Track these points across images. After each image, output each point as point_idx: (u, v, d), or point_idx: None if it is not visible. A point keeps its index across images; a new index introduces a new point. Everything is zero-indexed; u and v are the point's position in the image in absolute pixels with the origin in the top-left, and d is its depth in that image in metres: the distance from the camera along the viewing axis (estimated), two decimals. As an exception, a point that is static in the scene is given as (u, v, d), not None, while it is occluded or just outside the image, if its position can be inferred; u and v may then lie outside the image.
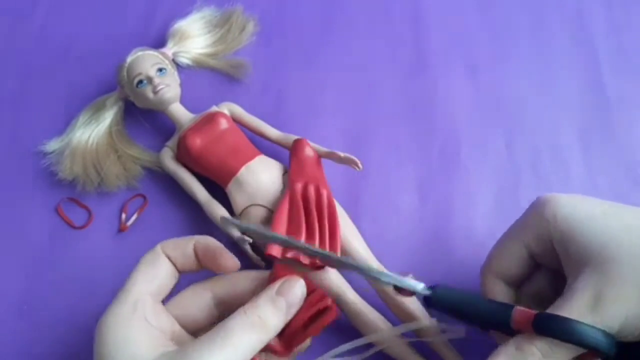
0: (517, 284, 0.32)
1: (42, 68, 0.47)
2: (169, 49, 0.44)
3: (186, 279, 0.30)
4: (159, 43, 0.45)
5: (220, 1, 0.48)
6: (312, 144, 0.40)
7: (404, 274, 0.29)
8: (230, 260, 0.29)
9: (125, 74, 0.41)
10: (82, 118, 0.43)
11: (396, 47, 0.47)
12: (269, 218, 0.36)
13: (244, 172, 0.38)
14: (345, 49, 0.47)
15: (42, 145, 0.42)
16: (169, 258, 0.29)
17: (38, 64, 0.47)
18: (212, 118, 0.40)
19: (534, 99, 0.44)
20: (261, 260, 0.35)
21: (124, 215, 0.40)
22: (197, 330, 0.29)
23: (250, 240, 0.36)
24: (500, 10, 0.49)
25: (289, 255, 0.30)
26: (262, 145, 0.41)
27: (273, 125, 0.41)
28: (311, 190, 0.36)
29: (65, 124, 0.43)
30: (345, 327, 0.35)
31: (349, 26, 0.48)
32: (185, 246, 0.29)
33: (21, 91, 0.46)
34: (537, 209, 0.30)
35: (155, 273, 0.28)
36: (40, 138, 0.43)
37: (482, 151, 0.42)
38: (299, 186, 0.36)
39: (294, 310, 0.27)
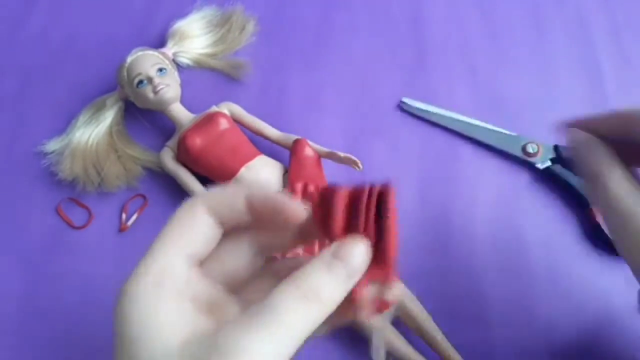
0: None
1: (42, 68, 0.47)
2: (169, 49, 0.44)
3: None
4: (159, 43, 0.45)
5: (220, 1, 0.48)
6: (312, 144, 0.40)
7: None
8: (299, 208, 0.22)
9: (125, 74, 0.41)
10: (82, 118, 0.43)
11: (396, 47, 0.47)
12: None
13: (244, 172, 0.38)
14: (345, 49, 0.47)
15: (42, 145, 0.42)
16: (211, 213, 0.23)
17: (38, 64, 0.47)
18: (212, 118, 0.40)
19: (533, 99, 0.44)
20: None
21: (124, 215, 0.40)
22: (240, 284, 0.24)
23: None
24: (500, 10, 0.49)
25: None
26: (262, 145, 0.41)
27: (273, 126, 0.41)
28: (311, 190, 0.36)
29: (65, 124, 0.43)
30: (345, 327, 0.35)
31: (349, 26, 0.48)
32: (234, 199, 0.23)
33: (21, 91, 0.46)
34: None
35: (190, 233, 0.22)
36: (40, 138, 0.43)
37: (482, 151, 0.42)
38: (298, 186, 0.36)
39: (355, 279, 0.21)
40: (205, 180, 0.40)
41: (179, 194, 0.40)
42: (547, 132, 0.40)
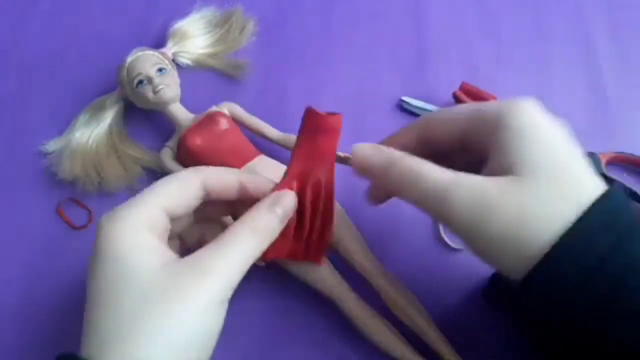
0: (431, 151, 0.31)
1: (42, 68, 0.47)
2: (169, 49, 0.44)
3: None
4: (159, 43, 0.45)
5: (220, 1, 0.48)
6: None
7: None
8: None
9: (125, 74, 0.41)
10: (82, 118, 0.43)
11: (396, 47, 0.47)
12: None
13: (244, 172, 0.38)
14: (345, 49, 0.47)
15: (42, 145, 0.42)
16: (203, 186, 0.29)
17: (38, 64, 0.47)
18: (212, 118, 0.40)
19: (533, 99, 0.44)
20: (260, 261, 0.35)
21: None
22: (178, 220, 0.30)
23: None
24: (500, 11, 0.49)
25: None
26: (263, 145, 0.41)
27: (273, 126, 0.41)
28: (311, 182, 0.31)
29: (65, 124, 0.43)
30: (345, 328, 0.35)
31: (349, 26, 0.49)
32: (229, 177, 0.30)
33: (21, 91, 0.46)
34: (510, 103, 0.28)
35: (181, 192, 0.29)
36: (40, 138, 0.43)
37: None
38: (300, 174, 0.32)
39: (287, 218, 0.30)
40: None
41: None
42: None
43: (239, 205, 0.31)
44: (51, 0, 0.50)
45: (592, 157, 0.40)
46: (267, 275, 0.38)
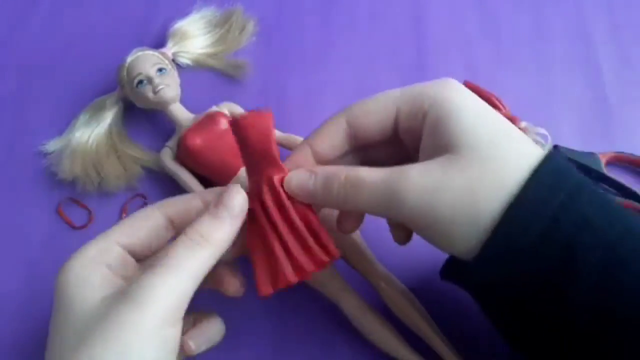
0: (362, 146, 0.30)
1: (42, 68, 0.47)
2: (169, 49, 0.44)
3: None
4: (159, 43, 0.45)
5: (220, 1, 0.48)
6: None
7: None
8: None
9: (125, 74, 0.41)
10: (82, 118, 0.43)
11: (396, 47, 0.47)
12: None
13: (244, 171, 0.38)
14: (345, 49, 0.47)
15: (42, 145, 0.42)
16: (165, 216, 0.28)
17: (38, 64, 0.47)
18: (212, 118, 0.40)
19: (533, 99, 0.45)
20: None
21: (124, 216, 0.40)
22: (149, 255, 0.29)
23: None
24: (500, 11, 0.49)
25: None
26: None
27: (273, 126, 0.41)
28: (266, 188, 0.28)
29: (65, 124, 0.43)
30: (347, 329, 0.35)
31: (349, 26, 0.49)
32: (192, 202, 0.28)
33: (21, 91, 0.46)
34: (433, 84, 0.28)
35: (139, 225, 0.28)
36: (40, 138, 0.43)
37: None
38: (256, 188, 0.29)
39: (239, 220, 0.27)
40: (205, 180, 0.40)
41: (178, 194, 0.40)
42: (547, 132, 0.40)
43: None
44: (51, 0, 0.50)
45: (592, 157, 0.40)
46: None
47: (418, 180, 0.25)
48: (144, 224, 0.28)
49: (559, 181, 0.25)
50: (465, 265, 0.26)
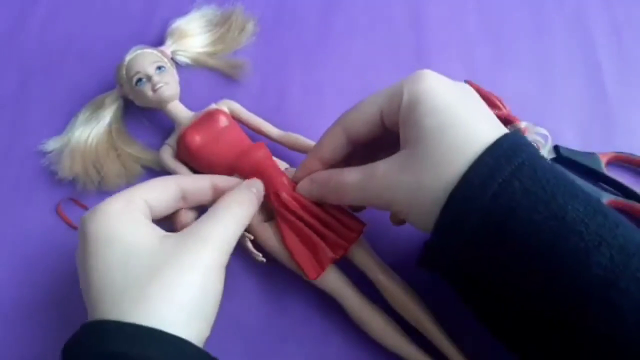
0: (362, 144, 0.33)
1: (42, 68, 0.47)
2: (168, 47, 0.44)
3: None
4: (158, 42, 0.45)
5: (220, 0, 0.48)
6: (312, 142, 0.40)
7: None
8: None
9: (124, 72, 0.41)
10: (81, 116, 0.43)
11: (396, 47, 0.47)
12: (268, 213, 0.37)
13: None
14: (345, 49, 0.47)
15: (42, 144, 0.42)
16: (179, 191, 0.32)
17: (38, 64, 0.47)
18: (211, 115, 0.39)
19: (533, 99, 0.44)
20: (262, 257, 0.35)
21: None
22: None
23: (252, 237, 0.36)
24: (500, 10, 0.49)
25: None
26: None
27: (273, 125, 0.41)
28: (286, 196, 0.35)
29: (64, 123, 0.43)
30: (348, 325, 0.35)
31: (349, 26, 0.49)
32: (202, 182, 0.34)
33: (21, 91, 0.46)
34: (408, 78, 0.30)
35: (160, 190, 0.31)
36: (39, 137, 0.43)
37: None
38: (279, 197, 0.36)
39: (261, 197, 0.34)
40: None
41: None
42: (547, 132, 0.40)
43: None
44: (51, 0, 0.50)
45: (592, 157, 0.40)
46: (269, 272, 0.38)
47: (381, 181, 0.29)
48: (164, 190, 0.32)
49: (495, 169, 0.26)
50: (433, 253, 0.28)
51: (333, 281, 0.35)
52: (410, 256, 0.38)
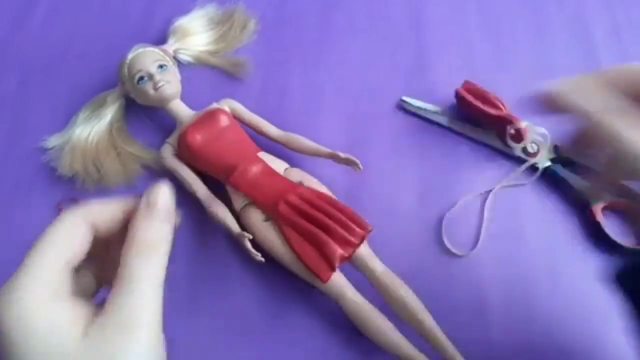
0: None
1: (42, 66, 0.47)
2: (170, 46, 0.44)
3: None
4: (160, 40, 0.45)
5: None
6: (312, 143, 0.40)
7: None
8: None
9: (126, 70, 0.41)
10: (82, 114, 0.43)
11: (396, 47, 0.47)
12: (269, 215, 0.37)
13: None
14: (345, 49, 0.47)
15: (42, 141, 0.42)
16: (88, 224, 0.25)
17: (38, 63, 0.47)
18: (212, 115, 0.40)
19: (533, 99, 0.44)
20: (260, 257, 0.35)
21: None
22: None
23: (251, 237, 0.36)
24: (500, 11, 0.49)
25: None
26: (263, 143, 0.41)
27: (273, 124, 0.41)
28: (294, 198, 0.36)
29: (65, 121, 0.43)
30: (347, 326, 0.35)
31: (349, 26, 0.49)
32: (112, 208, 0.25)
33: (21, 90, 0.46)
34: None
35: (72, 238, 0.24)
36: (40, 136, 0.43)
37: (482, 150, 0.42)
38: (283, 207, 0.36)
39: (172, 215, 0.25)
40: (205, 177, 0.39)
41: (178, 192, 0.40)
42: (547, 132, 0.40)
43: None
44: (51, 0, 0.50)
45: (592, 157, 0.40)
46: (268, 272, 0.38)
47: None
48: (76, 240, 0.24)
49: None
50: None
51: (333, 282, 0.35)
52: (410, 259, 0.38)
